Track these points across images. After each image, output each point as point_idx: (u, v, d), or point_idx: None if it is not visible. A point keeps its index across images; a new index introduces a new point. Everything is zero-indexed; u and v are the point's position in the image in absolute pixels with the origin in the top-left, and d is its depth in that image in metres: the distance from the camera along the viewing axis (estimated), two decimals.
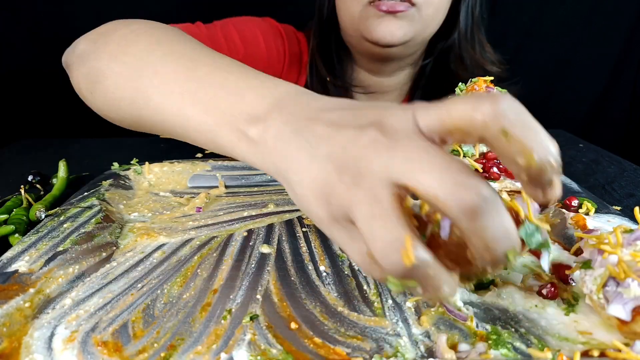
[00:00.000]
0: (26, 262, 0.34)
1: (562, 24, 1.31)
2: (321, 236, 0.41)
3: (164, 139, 0.76)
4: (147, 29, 0.45)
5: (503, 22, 1.31)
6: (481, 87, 0.48)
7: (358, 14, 0.73)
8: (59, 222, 0.40)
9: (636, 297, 0.26)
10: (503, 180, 0.45)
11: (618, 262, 0.27)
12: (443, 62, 0.84)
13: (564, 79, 1.35)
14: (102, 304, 0.32)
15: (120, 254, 0.38)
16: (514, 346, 0.27)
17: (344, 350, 0.27)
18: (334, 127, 0.26)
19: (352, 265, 0.37)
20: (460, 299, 0.32)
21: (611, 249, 0.28)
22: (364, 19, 0.73)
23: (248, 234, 0.42)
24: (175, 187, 0.53)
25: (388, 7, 0.70)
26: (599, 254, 0.29)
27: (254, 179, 0.55)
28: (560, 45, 1.32)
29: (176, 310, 0.31)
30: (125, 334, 0.29)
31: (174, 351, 0.27)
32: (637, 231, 0.29)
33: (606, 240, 0.29)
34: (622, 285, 0.27)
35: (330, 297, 0.33)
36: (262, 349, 0.27)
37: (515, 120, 0.23)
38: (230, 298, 0.32)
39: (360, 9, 0.73)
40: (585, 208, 0.43)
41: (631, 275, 0.26)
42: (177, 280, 0.34)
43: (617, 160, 0.64)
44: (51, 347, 0.28)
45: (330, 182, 0.25)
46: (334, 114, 0.27)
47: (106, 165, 0.55)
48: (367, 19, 0.73)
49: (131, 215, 0.46)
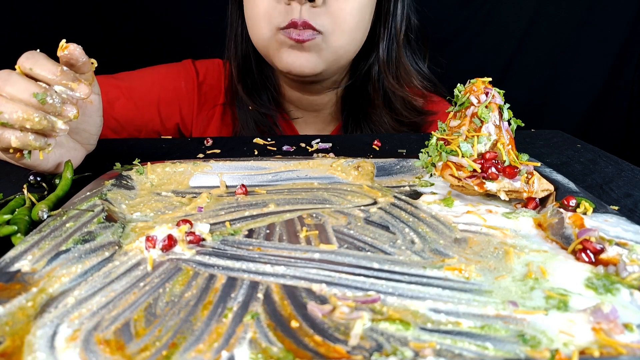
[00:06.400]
0: (29, 262, 0.35)
1: (561, 24, 1.31)
2: (321, 235, 0.42)
3: (165, 139, 0.77)
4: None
5: (502, 22, 1.32)
6: (479, 88, 0.48)
7: (267, 40, 0.73)
8: (61, 222, 0.40)
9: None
10: (501, 180, 0.45)
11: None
12: (364, 85, 0.83)
13: (562, 80, 1.35)
14: (104, 302, 0.32)
15: (122, 253, 0.38)
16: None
17: (344, 348, 0.28)
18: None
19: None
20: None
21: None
22: (273, 48, 0.73)
23: (249, 233, 0.42)
24: (177, 187, 0.54)
25: (296, 36, 0.69)
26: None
27: (255, 178, 0.55)
28: (559, 46, 1.33)
29: (178, 309, 0.31)
30: (127, 333, 0.29)
31: (175, 349, 0.28)
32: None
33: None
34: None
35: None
36: (263, 347, 0.28)
37: None
38: (231, 297, 0.33)
39: (269, 34, 0.72)
40: (582, 208, 0.43)
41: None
42: (178, 279, 0.35)
43: (615, 160, 0.64)
44: (54, 345, 0.28)
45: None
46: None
47: (108, 165, 0.55)
48: (275, 47, 0.73)
49: (133, 215, 0.46)
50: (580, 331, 0.29)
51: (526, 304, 0.32)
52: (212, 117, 0.85)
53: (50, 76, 0.47)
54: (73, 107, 0.48)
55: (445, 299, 0.32)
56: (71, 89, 0.47)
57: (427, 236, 0.42)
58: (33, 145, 0.47)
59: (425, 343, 0.28)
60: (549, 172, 0.52)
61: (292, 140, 0.72)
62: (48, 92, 0.46)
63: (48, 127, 0.46)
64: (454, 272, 0.36)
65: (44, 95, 0.45)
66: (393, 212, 0.47)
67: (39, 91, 0.45)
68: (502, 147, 0.47)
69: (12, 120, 0.45)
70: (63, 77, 0.47)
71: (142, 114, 0.83)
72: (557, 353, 0.26)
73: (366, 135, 0.80)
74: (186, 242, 0.39)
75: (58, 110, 0.47)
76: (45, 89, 0.46)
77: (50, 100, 0.46)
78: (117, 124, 0.82)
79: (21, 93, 0.45)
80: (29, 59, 0.47)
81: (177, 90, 0.84)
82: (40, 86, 0.46)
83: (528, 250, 0.39)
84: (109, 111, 0.79)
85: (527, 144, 0.73)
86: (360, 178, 0.56)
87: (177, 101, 0.84)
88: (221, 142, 0.72)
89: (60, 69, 0.47)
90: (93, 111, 0.56)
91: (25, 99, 0.45)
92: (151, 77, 0.85)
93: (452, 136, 0.48)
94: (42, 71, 0.47)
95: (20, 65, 0.47)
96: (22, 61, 0.47)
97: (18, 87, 0.45)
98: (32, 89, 0.45)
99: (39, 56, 0.48)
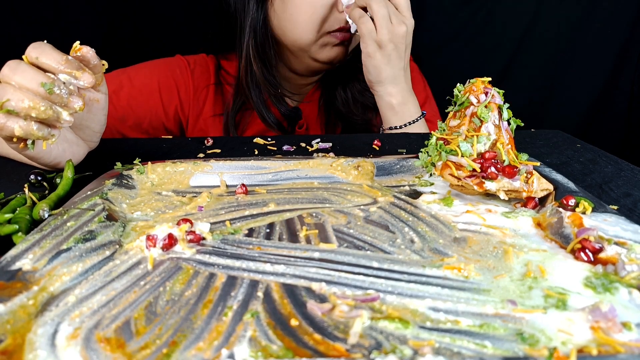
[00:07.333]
0: (30, 260, 0.35)
1: (561, 24, 1.31)
2: (321, 234, 0.42)
3: (165, 139, 0.77)
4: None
5: (502, 22, 1.32)
6: (479, 87, 0.49)
7: (312, 40, 0.85)
8: (62, 221, 0.41)
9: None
10: (501, 180, 0.45)
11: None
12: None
13: (562, 80, 1.35)
14: (105, 301, 0.32)
15: (123, 252, 0.38)
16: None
17: (344, 346, 0.28)
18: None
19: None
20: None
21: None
22: (318, 45, 0.86)
23: (249, 233, 0.42)
24: (177, 186, 0.54)
25: (343, 37, 0.85)
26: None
27: (255, 178, 0.55)
28: (559, 46, 1.33)
29: (178, 308, 0.32)
30: (128, 331, 0.29)
31: (175, 347, 0.28)
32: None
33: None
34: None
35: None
36: (263, 345, 0.28)
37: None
38: (231, 295, 0.33)
39: (316, 36, 0.85)
40: (582, 207, 0.43)
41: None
42: (179, 278, 0.35)
43: (614, 160, 0.64)
44: (54, 343, 0.28)
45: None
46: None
47: (109, 165, 0.55)
48: (321, 45, 0.86)
49: (134, 214, 0.46)
50: (578, 330, 0.29)
51: (525, 302, 0.32)
52: (207, 96, 0.94)
53: (56, 65, 0.48)
54: (79, 99, 0.49)
55: (445, 297, 0.33)
56: (75, 77, 0.48)
57: (427, 235, 0.42)
58: (36, 135, 0.47)
59: (424, 341, 0.28)
60: (549, 171, 0.52)
61: (292, 140, 0.72)
62: (56, 83, 0.47)
63: (53, 117, 0.47)
64: (453, 271, 0.36)
65: (51, 85, 0.46)
66: (393, 211, 0.47)
67: (47, 81, 0.47)
68: (502, 146, 0.47)
69: (17, 109, 0.46)
70: (68, 65, 0.48)
71: (146, 99, 0.89)
72: (555, 351, 0.26)
73: (366, 135, 0.80)
74: (186, 241, 0.39)
75: (64, 101, 0.48)
76: (53, 79, 0.47)
77: (57, 90, 0.47)
78: (123, 112, 0.88)
79: (29, 82, 0.46)
80: (35, 48, 0.49)
81: (174, 75, 0.92)
82: (48, 76, 0.47)
83: (527, 249, 0.39)
84: (115, 101, 0.86)
85: (527, 143, 0.73)
86: (360, 178, 0.56)
87: (174, 85, 0.92)
88: (221, 141, 0.72)
89: (65, 57, 0.48)
90: (99, 109, 0.57)
91: (33, 88, 0.46)
92: (149, 67, 0.93)
93: (452, 136, 0.49)
94: (48, 60, 0.48)
95: (27, 55, 0.49)
96: (29, 51, 0.49)
97: (26, 77, 0.47)
98: (40, 79, 0.47)
99: (45, 46, 0.49)
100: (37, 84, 0.46)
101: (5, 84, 0.47)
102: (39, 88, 0.46)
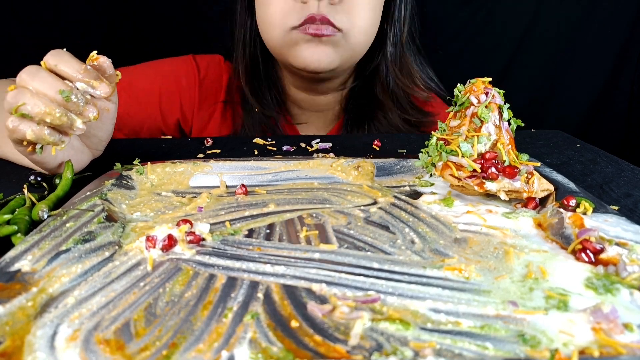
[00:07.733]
0: (29, 262, 0.35)
1: (561, 24, 1.31)
2: (321, 235, 0.42)
3: (165, 139, 0.77)
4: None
5: (502, 22, 1.32)
6: (479, 88, 0.49)
7: (280, 40, 0.73)
8: (61, 222, 0.41)
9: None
10: (501, 180, 0.45)
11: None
12: (370, 86, 0.83)
13: (562, 80, 1.35)
14: (104, 302, 0.32)
15: (122, 253, 0.38)
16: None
17: (344, 348, 0.28)
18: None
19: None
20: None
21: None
22: (288, 46, 0.73)
23: (249, 233, 0.42)
24: (177, 187, 0.54)
25: (314, 30, 0.69)
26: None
27: (255, 178, 0.55)
28: (559, 46, 1.33)
29: (178, 309, 0.31)
30: (128, 333, 0.29)
31: (175, 349, 0.28)
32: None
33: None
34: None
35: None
36: (263, 347, 0.28)
37: None
38: (231, 297, 0.33)
39: (282, 34, 0.72)
40: (582, 208, 0.43)
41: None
42: (178, 279, 0.35)
43: (615, 160, 0.64)
44: (54, 345, 0.28)
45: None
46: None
47: (108, 165, 0.55)
48: (291, 45, 0.72)
49: (133, 215, 0.46)
50: (580, 331, 0.29)
51: (526, 304, 0.32)
52: (213, 113, 0.85)
53: (74, 73, 0.48)
54: (94, 108, 0.50)
55: (445, 298, 0.32)
56: (92, 86, 0.49)
57: (427, 236, 0.42)
58: (47, 140, 0.48)
59: (425, 343, 0.28)
60: (549, 172, 0.52)
61: (292, 140, 0.72)
62: (73, 91, 0.48)
63: (67, 123, 0.48)
64: (453, 272, 0.36)
65: (69, 92, 0.47)
66: (393, 212, 0.47)
67: (66, 89, 0.47)
68: (502, 147, 0.47)
69: (33, 113, 0.46)
70: (86, 74, 0.49)
71: (143, 109, 0.83)
72: (556, 353, 0.26)
73: (366, 135, 0.80)
74: (186, 242, 0.39)
75: (80, 110, 0.48)
76: (71, 87, 0.48)
77: (74, 98, 0.48)
78: (119, 120, 0.83)
79: (48, 89, 0.47)
80: (54, 56, 0.49)
81: (178, 85, 0.84)
82: (66, 84, 0.48)
83: (528, 250, 0.39)
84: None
85: (527, 144, 0.73)
86: (360, 178, 0.56)
87: (178, 97, 0.84)
88: (221, 142, 0.72)
89: (84, 67, 0.49)
90: (108, 119, 0.57)
91: (51, 95, 0.47)
92: (152, 72, 0.85)
93: (452, 136, 0.48)
94: (67, 68, 0.48)
95: (45, 62, 0.49)
96: (47, 58, 0.49)
97: (45, 83, 0.47)
98: (58, 86, 0.47)
99: (64, 54, 0.50)
100: (56, 91, 0.47)
101: (22, 88, 0.47)
102: (56, 95, 0.47)
